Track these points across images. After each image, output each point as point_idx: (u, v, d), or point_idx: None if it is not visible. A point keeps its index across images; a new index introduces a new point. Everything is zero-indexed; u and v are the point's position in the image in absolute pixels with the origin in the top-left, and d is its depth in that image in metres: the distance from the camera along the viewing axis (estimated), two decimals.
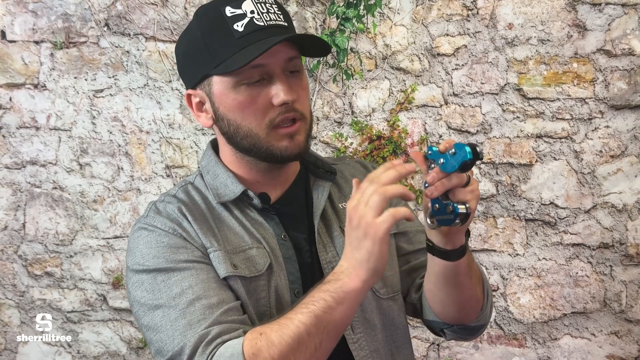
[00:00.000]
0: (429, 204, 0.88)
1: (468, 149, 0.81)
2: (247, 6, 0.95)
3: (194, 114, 1.04)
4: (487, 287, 1.06)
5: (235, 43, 0.94)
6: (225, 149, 1.04)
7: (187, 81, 1.03)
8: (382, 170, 0.84)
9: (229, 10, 0.94)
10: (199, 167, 1.09)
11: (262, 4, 0.96)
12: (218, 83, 0.97)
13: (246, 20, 0.94)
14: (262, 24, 0.94)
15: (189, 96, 1.03)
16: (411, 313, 1.13)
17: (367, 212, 0.82)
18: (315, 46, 1.00)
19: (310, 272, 1.02)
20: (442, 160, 0.84)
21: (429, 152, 0.86)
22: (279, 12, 0.98)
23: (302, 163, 1.10)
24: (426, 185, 0.86)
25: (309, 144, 1.01)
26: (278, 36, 0.93)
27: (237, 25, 0.94)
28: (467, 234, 0.94)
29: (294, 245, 1.02)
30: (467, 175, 0.86)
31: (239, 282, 0.95)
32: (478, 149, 0.82)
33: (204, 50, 0.96)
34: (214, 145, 1.09)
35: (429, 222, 0.89)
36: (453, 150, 0.83)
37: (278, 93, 0.94)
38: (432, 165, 0.86)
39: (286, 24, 0.97)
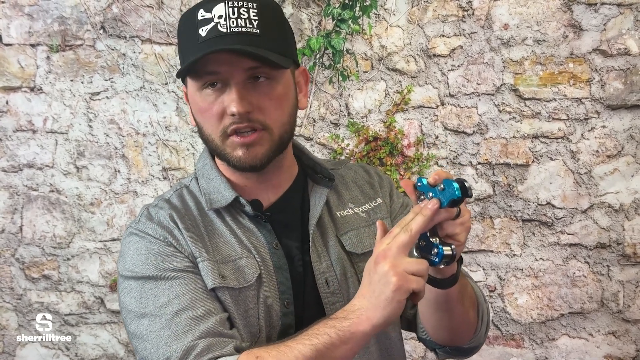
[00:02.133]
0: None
1: (456, 185, 0.80)
2: (218, 10, 0.91)
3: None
4: (483, 309, 1.04)
5: (196, 48, 0.91)
6: None
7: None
8: (412, 216, 0.83)
9: (200, 14, 0.92)
10: (195, 170, 1.08)
11: (235, 9, 0.92)
12: (190, 85, 0.97)
13: (211, 25, 0.91)
14: (224, 30, 0.91)
15: (186, 94, 1.03)
16: (406, 327, 1.11)
17: (401, 262, 0.81)
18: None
19: (302, 282, 1.00)
20: (431, 194, 0.83)
21: (419, 183, 0.85)
22: (255, 18, 0.92)
23: (301, 167, 1.08)
24: None
25: (274, 154, 0.96)
26: (237, 45, 0.90)
27: (202, 30, 0.92)
28: (460, 261, 0.92)
29: (286, 254, 1.00)
30: (457, 208, 0.84)
31: (227, 293, 0.94)
32: (467, 185, 0.80)
33: (179, 52, 0.99)
34: None
35: (415, 254, 0.87)
36: (442, 186, 0.82)
37: (229, 103, 0.92)
38: (422, 197, 0.85)
39: (257, 31, 0.92)
